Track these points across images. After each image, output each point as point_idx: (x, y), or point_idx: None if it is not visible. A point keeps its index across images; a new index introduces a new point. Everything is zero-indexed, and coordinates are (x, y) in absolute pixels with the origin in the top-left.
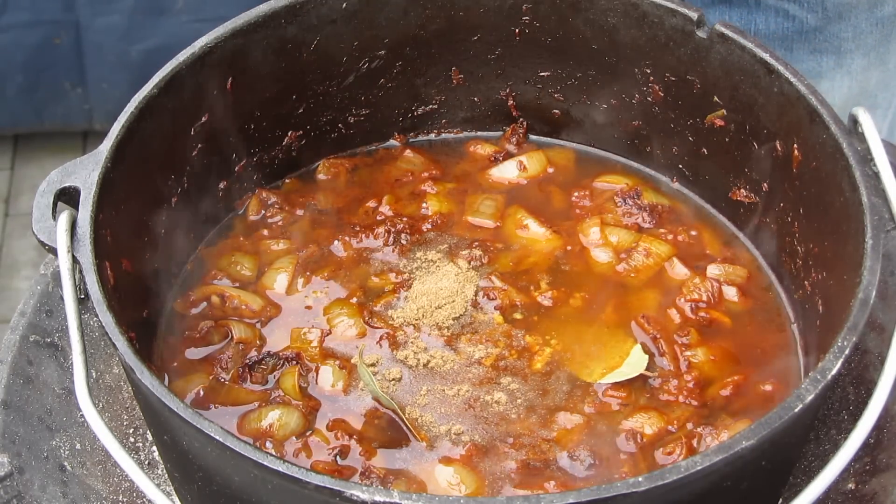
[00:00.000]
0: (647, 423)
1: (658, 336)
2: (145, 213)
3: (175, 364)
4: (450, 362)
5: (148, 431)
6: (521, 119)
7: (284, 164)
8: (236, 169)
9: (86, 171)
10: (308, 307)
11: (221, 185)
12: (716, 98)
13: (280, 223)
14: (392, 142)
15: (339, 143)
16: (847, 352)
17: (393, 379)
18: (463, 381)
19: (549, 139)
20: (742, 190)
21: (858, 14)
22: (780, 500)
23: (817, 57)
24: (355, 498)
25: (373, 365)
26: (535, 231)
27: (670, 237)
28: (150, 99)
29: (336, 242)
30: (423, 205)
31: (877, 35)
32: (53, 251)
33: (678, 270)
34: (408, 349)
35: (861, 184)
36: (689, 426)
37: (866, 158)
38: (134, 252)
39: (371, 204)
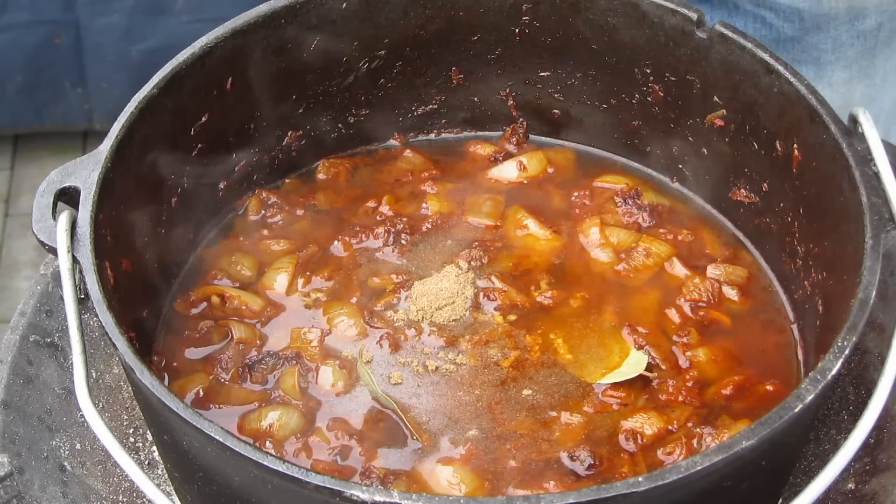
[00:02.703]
0: (646, 424)
1: (644, 343)
2: (145, 213)
3: (175, 364)
4: (449, 363)
5: (148, 431)
6: (521, 119)
7: (284, 164)
8: (236, 169)
9: (86, 171)
10: (308, 307)
11: (221, 185)
12: (716, 98)
13: (280, 223)
14: (392, 142)
15: (339, 143)
16: (847, 352)
17: (393, 380)
18: (463, 381)
19: (549, 139)
20: (742, 190)
21: (838, 26)
22: (780, 500)
23: (796, 67)
24: (355, 498)
25: (368, 361)
26: (535, 231)
27: (670, 237)
28: (150, 99)
29: (336, 242)
30: (423, 205)
31: (858, 48)
32: (53, 251)
33: (678, 270)
34: (408, 350)
35: (861, 184)
36: (689, 426)
37: (866, 158)
38: (134, 252)
39: (371, 204)
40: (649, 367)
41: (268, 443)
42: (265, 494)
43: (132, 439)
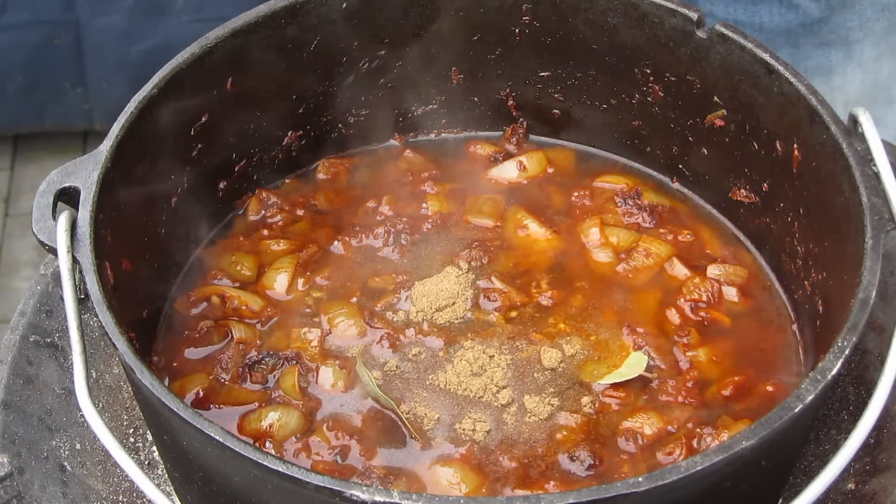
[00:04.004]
0: (646, 424)
1: (644, 344)
2: (145, 213)
3: (175, 364)
4: (450, 363)
5: (148, 431)
6: (521, 119)
7: (284, 164)
8: (236, 169)
9: (86, 171)
10: (308, 307)
11: (221, 185)
12: (716, 98)
13: (280, 223)
14: (392, 142)
15: (339, 143)
16: (847, 352)
17: (393, 381)
18: (463, 382)
19: (549, 139)
20: (742, 190)
21: (863, 1)
22: (780, 500)
23: (826, 50)
24: (355, 498)
25: (367, 361)
26: (535, 231)
27: (670, 237)
28: (150, 99)
29: (336, 242)
30: (423, 205)
31: (884, 22)
32: (53, 251)
33: (678, 270)
34: (408, 350)
35: (861, 184)
36: (689, 426)
37: (866, 158)
38: (134, 252)
39: (371, 204)
40: (649, 368)
41: (268, 443)
42: (265, 494)
43: (132, 439)
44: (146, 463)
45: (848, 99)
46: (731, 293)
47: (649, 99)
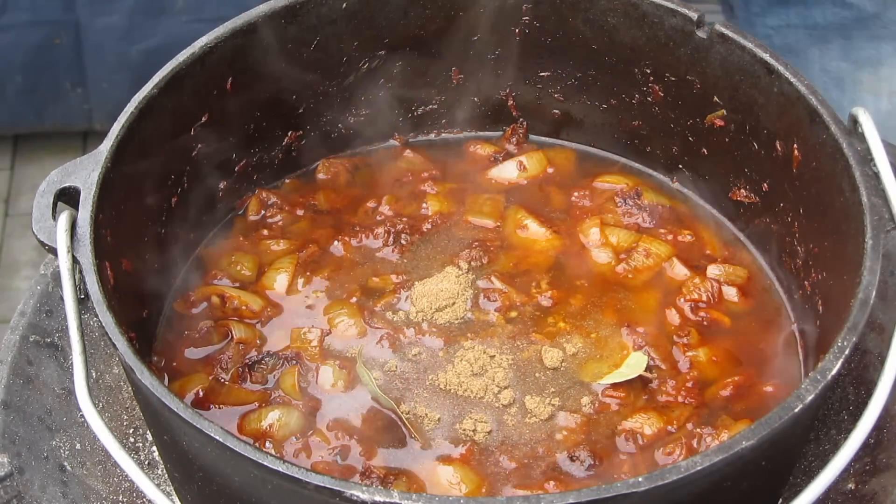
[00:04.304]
0: (646, 424)
1: (644, 344)
2: (145, 212)
3: (175, 364)
4: (450, 363)
5: (148, 431)
6: (521, 119)
7: (284, 164)
8: (236, 169)
9: (86, 171)
10: (308, 307)
11: (221, 185)
12: (716, 98)
13: (280, 223)
14: (392, 142)
15: (339, 143)
16: (847, 352)
17: (392, 381)
18: (463, 382)
19: (549, 139)
20: (742, 190)
21: None
22: (780, 500)
23: (876, 44)
24: (355, 498)
25: (367, 361)
26: (535, 231)
27: (670, 237)
28: (150, 99)
29: (336, 242)
30: (423, 205)
31: None
32: (53, 251)
33: (678, 271)
34: (408, 350)
35: (861, 184)
36: (689, 426)
37: (866, 158)
38: (134, 252)
39: (371, 204)
40: (649, 368)
41: (268, 443)
42: (265, 494)
43: (132, 439)
44: (146, 463)
45: (893, 89)
46: (731, 293)
47: (649, 99)
